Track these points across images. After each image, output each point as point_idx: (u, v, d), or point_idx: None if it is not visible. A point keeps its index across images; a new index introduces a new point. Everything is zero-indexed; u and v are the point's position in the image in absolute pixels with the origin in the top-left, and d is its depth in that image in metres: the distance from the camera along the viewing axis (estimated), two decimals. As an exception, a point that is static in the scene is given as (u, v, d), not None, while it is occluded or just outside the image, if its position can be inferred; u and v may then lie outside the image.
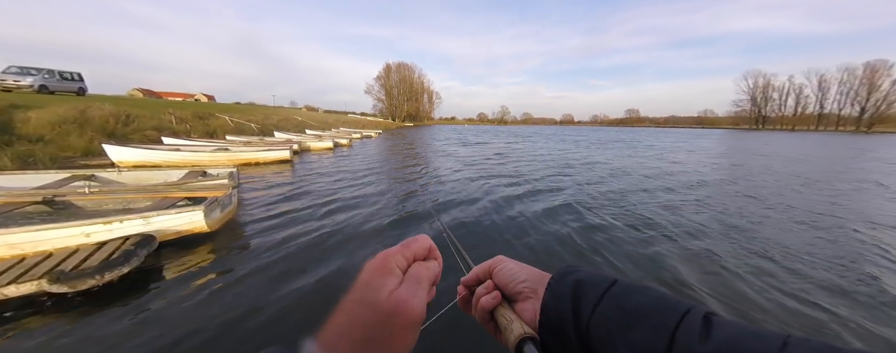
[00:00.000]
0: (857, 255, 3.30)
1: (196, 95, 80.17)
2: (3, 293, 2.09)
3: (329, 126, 26.54)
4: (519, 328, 0.35)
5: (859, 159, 12.63)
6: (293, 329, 2.02)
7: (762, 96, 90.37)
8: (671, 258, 3.10)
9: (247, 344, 1.89)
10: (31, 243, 2.54)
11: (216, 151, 8.62)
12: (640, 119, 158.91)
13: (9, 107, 8.43)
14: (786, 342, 0.24)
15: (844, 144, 23.34)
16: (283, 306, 2.24)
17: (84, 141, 8.36)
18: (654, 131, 58.06)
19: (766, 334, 0.25)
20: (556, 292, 0.35)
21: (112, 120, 10.14)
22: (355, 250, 3.19)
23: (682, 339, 0.26)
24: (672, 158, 12.47)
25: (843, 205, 5.31)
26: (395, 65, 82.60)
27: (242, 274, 2.65)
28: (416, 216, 4.31)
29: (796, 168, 9.70)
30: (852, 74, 75.67)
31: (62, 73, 14.97)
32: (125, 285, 2.41)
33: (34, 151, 7.05)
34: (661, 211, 4.70)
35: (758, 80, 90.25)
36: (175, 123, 12.59)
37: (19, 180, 4.50)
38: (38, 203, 3.55)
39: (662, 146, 18.53)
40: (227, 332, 1.97)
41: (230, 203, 3.83)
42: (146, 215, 2.93)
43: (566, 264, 0.38)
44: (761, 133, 51.44)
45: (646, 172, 8.46)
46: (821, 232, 3.97)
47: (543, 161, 10.70)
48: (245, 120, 16.51)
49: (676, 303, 0.30)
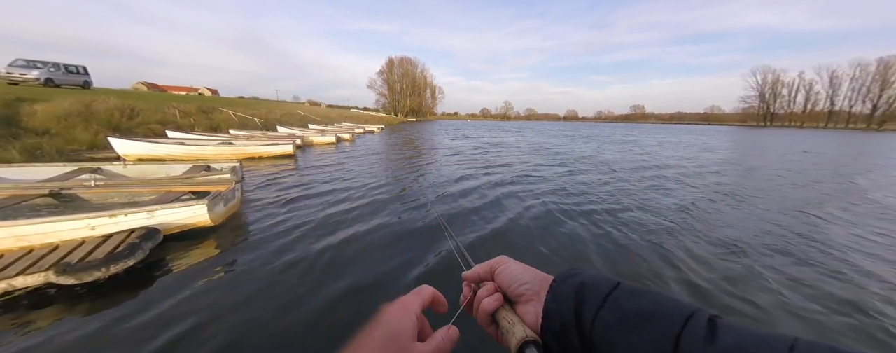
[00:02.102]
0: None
1: (200, 89, 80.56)
2: (11, 284, 2.13)
3: (332, 121, 26.57)
4: (521, 330, 0.34)
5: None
6: (296, 323, 2.04)
7: (771, 92, 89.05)
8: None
9: (251, 338, 1.91)
10: (38, 234, 2.58)
11: (220, 146, 8.66)
12: (645, 116, 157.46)
13: (15, 100, 8.51)
14: (792, 345, 0.24)
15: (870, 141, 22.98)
16: (286, 299, 2.26)
17: (90, 134, 8.43)
18: (647, 128, 57.43)
19: (772, 337, 0.25)
20: (558, 295, 0.35)
21: (117, 113, 10.21)
22: (357, 244, 3.20)
23: (687, 343, 0.26)
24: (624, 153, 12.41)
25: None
26: (398, 59, 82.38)
27: (245, 268, 2.67)
28: (416, 209, 4.32)
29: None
30: (865, 69, 74.29)
31: (68, 66, 15.05)
32: (130, 277, 2.44)
33: (41, 144, 7.12)
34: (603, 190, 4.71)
35: (766, 75, 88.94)
36: (179, 116, 12.65)
37: (27, 173, 4.56)
38: (45, 196, 3.59)
39: (642, 142, 18.47)
40: (231, 325, 2.00)
41: (233, 197, 3.86)
42: (151, 209, 2.96)
43: (569, 267, 0.38)
44: (771, 130, 50.68)
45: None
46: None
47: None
48: (249, 114, 16.56)
49: (681, 306, 0.29)
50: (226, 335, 1.91)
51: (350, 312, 2.16)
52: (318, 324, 2.04)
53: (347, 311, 2.17)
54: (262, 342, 1.88)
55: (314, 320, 2.07)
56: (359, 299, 2.31)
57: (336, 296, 2.33)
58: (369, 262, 2.85)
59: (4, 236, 2.48)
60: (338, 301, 2.27)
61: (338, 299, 2.30)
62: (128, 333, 1.90)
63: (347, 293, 2.37)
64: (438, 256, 2.95)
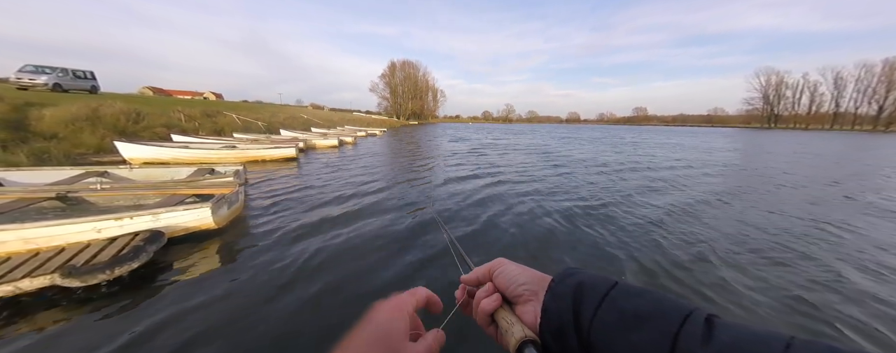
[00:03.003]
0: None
1: (205, 93, 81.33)
2: (18, 287, 2.15)
3: (334, 124, 26.71)
4: (520, 331, 0.35)
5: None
6: (299, 326, 2.04)
7: (775, 94, 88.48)
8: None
9: (252, 340, 1.91)
10: (44, 237, 2.61)
11: (224, 149, 8.73)
12: (647, 118, 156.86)
13: (24, 105, 8.65)
14: (789, 344, 0.24)
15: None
16: (289, 302, 2.27)
17: (96, 138, 8.54)
18: (642, 130, 56.87)
19: (769, 336, 0.25)
20: (556, 295, 0.35)
21: (123, 118, 10.34)
22: (359, 247, 3.21)
23: (685, 342, 0.26)
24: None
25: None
26: (400, 63, 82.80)
27: (248, 271, 2.68)
28: (417, 212, 4.32)
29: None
30: (870, 71, 73.66)
31: (75, 71, 15.28)
32: (134, 280, 2.45)
33: (49, 148, 7.22)
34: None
35: (770, 77, 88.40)
36: (184, 120, 12.78)
37: (34, 176, 4.62)
38: (52, 199, 3.64)
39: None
40: (234, 328, 2.00)
41: (237, 200, 3.88)
42: (155, 212, 2.98)
43: (567, 267, 0.38)
44: (775, 132, 50.25)
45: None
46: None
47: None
48: (252, 118, 16.70)
49: (678, 306, 0.29)
50: (228, 337, 1.91)
51: (351, 314, 2.16)
52: (319, 326, 2.04)
53: (349, 313, 2.17)
54: (264, 343, 1.88)
55: (316, 322, 2.07)
56: (361, 301, 2.31)
57: (338, 299, 2.33)
58: (371, 265, 2.85)
59: (12, 238, 2.52)
60: (340, 304, 2.27)
61: (340, 301, 2.30)
62: (130, 335, 1.91)
63: (350, 298, 2.37)
64: (439, 258, 2.95)
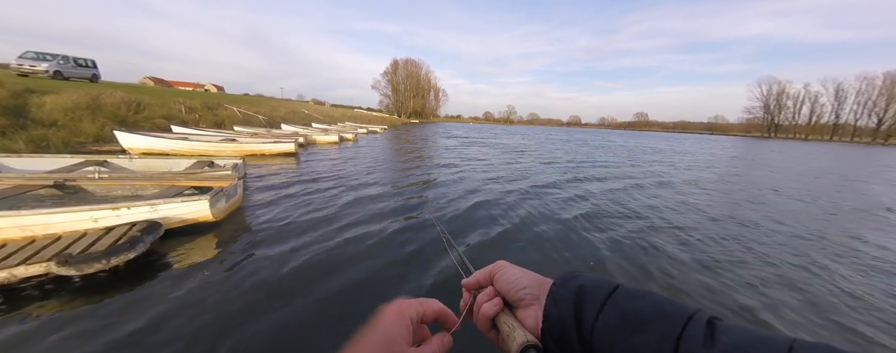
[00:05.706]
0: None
1: (206, 85, 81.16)
2: (13, 274, 2.14)
3: (335, 120, 26.67)
4: (521, 335, 0.34)
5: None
6: (293, 318, 2.04)
7: (776, 104, 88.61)
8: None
9: (247, 333, 1.91)
10: (41, 225, 2.59)
11: (223, 142, 8.70)
12: (648, 123, 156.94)
13: (24, 91, 8.59)
14: (791, 346, 0.24)
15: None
16: (284, 296, 2.26)
17: (96, 127, 8.49)
18: (634, 135, 57.01)
19: (771, 338, 0.25)
20: (558, 299, 0.35)
21: (123, 107, 10.28)
22: (356, 243, 3.20)
23: (687, 345, 0.26)
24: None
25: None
26: (403, 61, 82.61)
27: (244, 264, 2.68)
28: (416, 209, 4.32)
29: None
30: (871, 83, 73.85)
31: (77, 59, 15.19)
32: (130, 270, 2.45)
33: (48, 136, 7.18)
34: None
35: (772, 87, 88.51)
36: (184, 112, 12.73)
37: (33, 163, 4.60)
38: (49, 187, 3.62)
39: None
40: (228, 320, 2.00)
41: (235, 194, 3.87)
42: (153, 203, 2.97)
43: (568, 270, 0.38)
44: (775, 142, 50.31)
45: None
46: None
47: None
48: (253, 112, 16.65)
49: (680, 308, 0.29)
50: (223, 331, 1.91)
51: (346, 310, 2.16)
52: (314, 321, 2.04)
53: (344, 309, 2.17)
54: (259, 336, 1.88)
55: (311, 316, 2.07)
56: (356, 298, 2.31)
57: (333, 294, 2.33)
58: (368, 261, 2.84)
59: (8, 225, 2.50)
60: (335, 300, 2.27)
61: (335, 297, 2.30)
62: (125, 326, 1.90)
63: (345, 292, 2.37)
64: (437, 257, 2.94)
